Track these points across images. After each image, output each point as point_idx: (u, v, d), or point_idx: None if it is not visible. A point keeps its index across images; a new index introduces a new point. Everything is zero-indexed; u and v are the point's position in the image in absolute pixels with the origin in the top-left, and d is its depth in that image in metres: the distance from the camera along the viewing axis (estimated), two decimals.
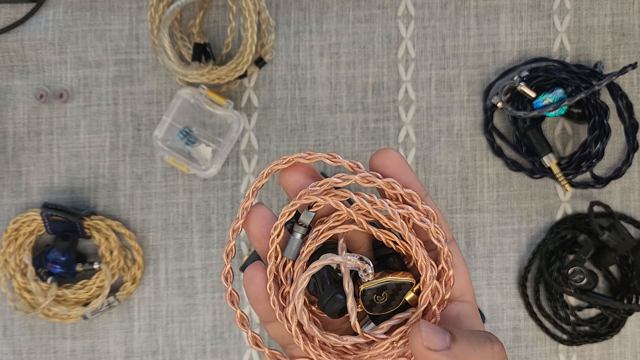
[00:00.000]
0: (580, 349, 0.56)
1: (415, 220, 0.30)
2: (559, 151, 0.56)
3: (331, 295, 0.30)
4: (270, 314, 0.31)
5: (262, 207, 0.31)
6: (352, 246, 0.32)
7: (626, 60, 0.56)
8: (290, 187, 0.31)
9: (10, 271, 0.54)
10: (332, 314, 0.30)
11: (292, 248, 0.30)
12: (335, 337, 0.30)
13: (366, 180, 0.30)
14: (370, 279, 0.30)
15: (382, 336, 0.30)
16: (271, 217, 0.31)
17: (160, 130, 0.54)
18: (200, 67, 0.53)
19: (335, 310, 0.30)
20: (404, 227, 0.30)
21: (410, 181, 0.31)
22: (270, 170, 0.30)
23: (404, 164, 0.31)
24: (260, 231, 0.31)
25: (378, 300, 0.30)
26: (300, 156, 0.30)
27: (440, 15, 0.56)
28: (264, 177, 0.30)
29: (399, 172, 0.30)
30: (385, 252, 0.32)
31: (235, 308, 0.30)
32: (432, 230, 0.30)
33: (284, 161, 0.30)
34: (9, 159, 0.57)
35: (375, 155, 0.31)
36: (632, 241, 0.52)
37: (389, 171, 0.30)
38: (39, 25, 0.56)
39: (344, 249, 0.31)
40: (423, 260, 0.30)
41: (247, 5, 0.51)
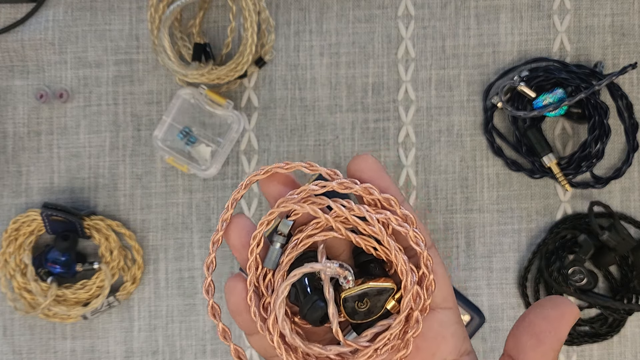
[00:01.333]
0: (580, 348, 0.56)
1: (393, 225, 0.29)
2: (559, 151, 0.56)
3: (311, 302, 0.30)
4: (252, 325, 0.30)
5: (242, 217, 0.31)
6: (333, 253, 0.32)
7: (626, 60, 0.57)
8: (270, 196, 0.31)
9: (10, 271, 0.54)
10: (313, 321, 0.30)
11: (272, 258, 0.30)
12: (318, 348, 0.29)
13: (343, 186, 0.30)
14: (350, 286, 0.30)
15: (365, 344, 0.30)
16: (251, 227, 0.31)
17: (160, 130, 0.54)
18: (200, 67, 0.53)
19: (316, 317, 0.30)
20: (382, 232, 0.29)
21: (388, 186, 0.30)
22: (249, 182, 0.31)
23: (381, 170, 0.31)
24: (240, 241, 0.31)
25: (360, 307, 0.30)
26: (278, 166, 0.30)
27: (440, 15, 0.56)
28: (243, 188, 0.31)
29: (375, 177, 0.30)
30: (365, 259, 0.31)
31: (217, 321, 0.30)
32: (411, 235, 0.29)
33: (262, 171, 0.30)
34: (9, 159, 0.57)
35: (352, 161, 0.31)
36: (632, 241, 0.53)
37: (365, 176, 0.30)
38: (39, 25, 0.56)
39: (323, 255, 0.30)
40: (403, 265, 0.29)
41: (247, 5, 0.51)
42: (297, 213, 0.30)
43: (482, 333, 0.56)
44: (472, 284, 0.56)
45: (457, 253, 0.56)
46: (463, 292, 0.55)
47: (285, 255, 0.30)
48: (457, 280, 0.56)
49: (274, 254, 0.30)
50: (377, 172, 0.30)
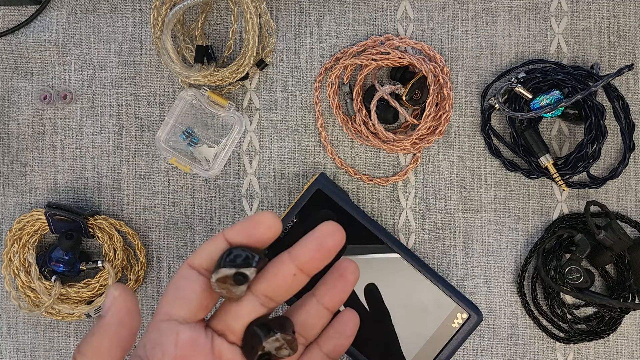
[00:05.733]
0: (577, 347, 0.56)
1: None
2: (556, 152, 0.57)
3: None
4: None
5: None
6: (305, 331, 0.32)
7: (623, 62, 0.57)
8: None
9: (15, 270, 0.54)
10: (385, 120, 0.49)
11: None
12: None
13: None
14: (403, 91, 0.53)
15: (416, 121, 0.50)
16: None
17: (163, 131, 0.54)
18: (202, 69, 0.53)
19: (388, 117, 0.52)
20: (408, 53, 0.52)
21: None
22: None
23: None
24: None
25: (415, 97, 0.53)
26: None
27: (438, 17, 0.57)
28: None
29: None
30: (401, 73, 0.54)
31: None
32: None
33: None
34: (13, 160, 0.57)
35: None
36: (628, 240, 0.53)
37: None
38: (43, 27, 0.57)
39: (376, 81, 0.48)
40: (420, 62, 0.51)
41: (249, 8, 0.51)
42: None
43: (480, 331, 0.56)
44: (469, 282, 0.56)
45: (455, 252, 0.57)
46: (461, 290, 0.56)
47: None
48: (455, 278, 0.56)
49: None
50: None
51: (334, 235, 0.29)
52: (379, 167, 0.57)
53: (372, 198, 0.57)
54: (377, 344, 0.52)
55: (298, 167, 0.57)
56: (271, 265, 0.30)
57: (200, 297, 0.30)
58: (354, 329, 0.32)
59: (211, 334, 0.30)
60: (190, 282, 0.30)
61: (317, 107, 0.56)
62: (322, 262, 0.29)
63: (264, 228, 0.29)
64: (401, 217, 0.57)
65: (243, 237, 0.29)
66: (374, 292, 0.52)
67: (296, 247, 0.29)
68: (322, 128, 0.56)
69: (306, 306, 0.31)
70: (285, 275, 0.29)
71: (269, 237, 0.29)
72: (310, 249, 0.29)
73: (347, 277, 0.31)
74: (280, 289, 0.29)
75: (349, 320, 0.32)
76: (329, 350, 0.32)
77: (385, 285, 0.53)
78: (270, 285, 0.29)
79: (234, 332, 0.30)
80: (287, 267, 0.29)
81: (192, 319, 0.30)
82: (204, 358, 0.29)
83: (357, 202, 0.56)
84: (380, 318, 0.52)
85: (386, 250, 0.53)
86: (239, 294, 0.29)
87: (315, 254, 0.29)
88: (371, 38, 0.56)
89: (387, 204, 0.57)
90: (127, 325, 0.28)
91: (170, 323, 0.30)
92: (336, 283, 0.31)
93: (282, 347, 0.29)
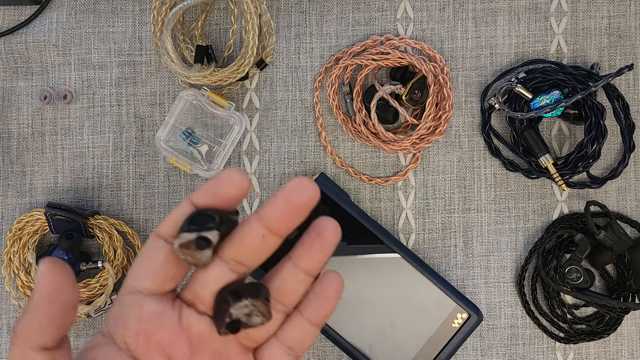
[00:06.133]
0: (577, 347, 0.56)
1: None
2: (556, 152, 0.57)
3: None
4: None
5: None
6: (281, 296, 0.30)
7: (622, 62, 0.57)
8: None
9: (15, 270, 0.54)
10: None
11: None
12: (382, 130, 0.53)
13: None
14: (402, 91, 0.54)
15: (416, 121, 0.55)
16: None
17: (163, 131, 0.54)
18: (202, 69, 0.53)
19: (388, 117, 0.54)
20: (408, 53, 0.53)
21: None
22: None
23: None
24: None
25: (416, 97, 0.55)
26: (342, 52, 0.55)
27: (438, 17, 0.57)
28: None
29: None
30: (400, 73, 0.55)
31: None
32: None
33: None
34: (14, 160, 0.57)
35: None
36: (628, 240, 0.53)
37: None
38: (43, 27, 0.57)
39: (377, 81, 0.49)
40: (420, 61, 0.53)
41: (249, 8, 0.52)
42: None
43: (480, 331, 0.56)
44: (469, 282, 0.56)
45: (455, 252, 0.57)
46: (461, 290, 0.56)
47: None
48: (455, 278, 0.56)
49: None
50: None
51: (303, 190, 0.27)
52: (379, 167, 0.57)
53: (372, 198, 0.57)
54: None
55: (298, 167, 0.57)
56: (239, 229, 0.28)
57: (166, 266, 0.28)
58: (337, 290, 0.29)
59: (179, 306, 0.28)
60: (156, 252, 0.28)
61: (317, 107, 0.56)
62: (292, 220, 0.27)
63: (228, 184, 0.27)
64: (401, 217, 0.57)
65: (208, 198, 0.27)
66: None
67: (264, 206, 0.27)
68: (322, 128, 0.56)
69: (282, 271, 0.29)
70: (253, 236, 0.27)
71: (235, 194, 0.27)
72: (277, 207, 0.27)
73: (325, 236, 0.28)
74: (249, 252, 0.27)
75: (331, 281, 0.29)
76: (310, 316, 0.29)
77: (385, 285, 0.53)
78: (238, 249, 0.27)
79: (203, 301, 0.28)
80: (254, 228, 0.27)
81: (158, 291, 0.28)
82: (171, 331, 0.28)
83: (357, 202, 0.56)
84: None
85: (386, 250, 0.53)
86: (205, 259, 0.27)
87: (283, 212, 0.26)
88: (371, 38, 0.56)
89: (387, 204, 0.57)
90: (57, 302, 0.25)
91: (134, 295, 0.28)
92: (313, 243, 0.28)
93: (252, 314, 0.27)
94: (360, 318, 0.53)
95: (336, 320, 0.53)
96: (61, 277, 0.25)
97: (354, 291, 0.53)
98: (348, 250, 0.53)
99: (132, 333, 0.27)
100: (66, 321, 0.26)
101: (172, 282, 0.28)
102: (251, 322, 0.27)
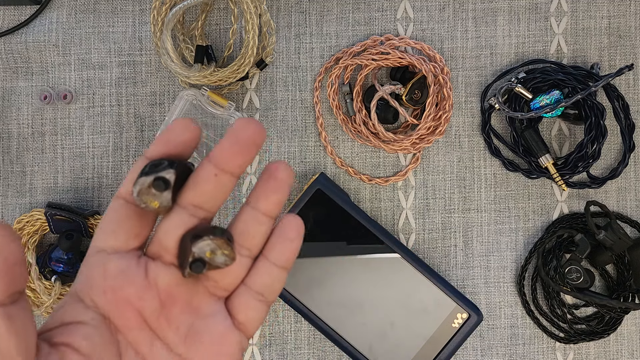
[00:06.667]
0: (577, 347, 0.56)
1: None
2: (556, 152, 0.57)
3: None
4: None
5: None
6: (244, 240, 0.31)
7: (622, 62, 0.57)
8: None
9: None
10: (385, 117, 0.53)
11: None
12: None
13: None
14: (403, 91, 0.55)
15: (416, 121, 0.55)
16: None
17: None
18: (202, 69, 0.53)
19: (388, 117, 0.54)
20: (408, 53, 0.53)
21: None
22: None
23: None
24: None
25: (415, 97, 0.55)
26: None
27: (438, 17, 0.57)
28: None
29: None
30: (401, 73, 0.55)
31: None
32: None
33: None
34: (14, 160, 0.57)
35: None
36: (628, 240, 0.53)
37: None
38: (43, 27, 0.57)
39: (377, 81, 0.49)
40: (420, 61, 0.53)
41: (249, 8, 0.52)
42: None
43: (480, 331, 0.56)
44: (469, 282, 0.56)
45: (455, 252, 0.57)
46: (461, 290, 0.56)
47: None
48: (455, 278, 0.56)
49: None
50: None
51: (248, 127, 0.28)
52: (379, 167, 0.57)
53: (372, 198, 0.57)
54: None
55: (298, 167, 0.57)
56: (193, 174, 0.29)
57: (127, 223, 0.29)
58: (297, 231, 0.30)
59: (145, 261, 0.29)
60: (116, 211, 0.29)
61: (317, 107, 0.56)
62: (242, 156, 0.28)
63: (178, 130, 0.28)
64: (401, 217, 0.57)
65: (161, 147, 0.28)
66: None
67: (214, 148, 0.28)
68: (322, 128, 0.56)
69: (242, 215, 0.30)
70: (206, 177, 0.28)
71: (187, 139, 0.28)
72: (225, 145, 0.28)
73: (277, 175, 0.29)
74: (205, 193, 0.28)
75: (290, 222, 0.30)
76: (276, 259, 0.30)
77: (385, 285, 0.53)
78: (194, 192, 0.28)
79: (167, 249, 0.29)
80: (206, 169, 0.28)
81: (122, 249, 0.29)
82: (137, 286, 0.28)
83: (357, 202, 0.56)
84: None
85: (386, 250, 0.53)
86: (165, 203, 0.27)
87: (231, 149, 0.28)
88: (371, 38, 0.56)
89: (387, 204, 0.57)
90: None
91: (99, 255, 0.28)
92: (268, 184, 0.29)
93: (215, 252, 0.27)
94: (360, 318, 0.53)
95: (336, 320, 0.53)
96: (1, 236, 0.25)
97: (354, 291, 0.53)
98: (348, 250, 0.53)
99: (99, 291, 0.28)
100: (14, 277, 0.26)
101: (135, 240, 0.29)
102: (215, 262, 0.28)
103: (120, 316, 0.28)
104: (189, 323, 0.29)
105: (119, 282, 0.28)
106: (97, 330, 0.28)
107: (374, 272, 0.53)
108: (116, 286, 0.28)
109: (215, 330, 0.29)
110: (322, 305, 0.53)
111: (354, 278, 0.53)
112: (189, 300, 0.29)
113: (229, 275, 0.29)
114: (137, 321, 0.28)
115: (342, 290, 0.53)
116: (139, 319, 0.28)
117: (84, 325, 0.28)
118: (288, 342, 0.56)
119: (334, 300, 0.53)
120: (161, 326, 0.29)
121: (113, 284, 0.28)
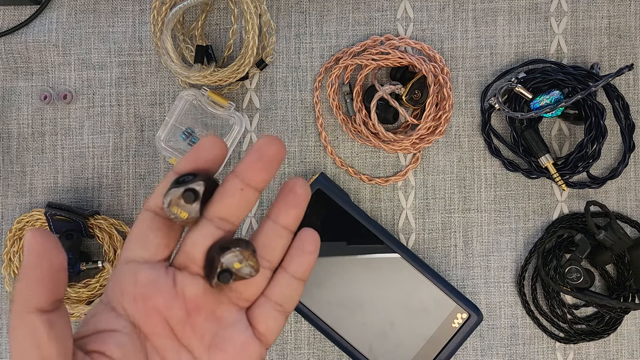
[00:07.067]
0: (577, 347, 0.56)
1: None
2: (556, 152, 0.57)
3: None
4: None
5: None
6: (265, 251, 0.32)
7: (622, 62, 0.57)
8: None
9: (15, 270, 0.54)
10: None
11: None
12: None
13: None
14: (403, 91, 0.55)
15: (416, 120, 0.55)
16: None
17: (163, 131, 0.55)
18: (202, 69, 0.53)
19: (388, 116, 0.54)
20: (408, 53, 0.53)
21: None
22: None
23: None
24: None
25: (415, 97, 0.54)
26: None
27: (438, 17, 0.57)
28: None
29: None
30: (401, 72, 0.55)
31: None
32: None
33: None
34: (13, 160, 0.57)
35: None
36: (628, 240, 0.53)
37: None
38: (43, 27, 0.57)
39: (377, 81, 0.50)
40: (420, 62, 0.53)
41: (249, 8, 0.52)
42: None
43: (480, 331, 0.56)
44: (469, 282, 0.56)
45: (455, 252, 0.57)
46: (461, 290, 0.56)
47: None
48: (455, 278, 0.56)
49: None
50: None
51: (272, 144, 0.29)
52: (379, 167, 0.57)
53: (372, 198, 0.57)
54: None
55: (298, 167, 0.57)
56: (219, 188, 0.30)
57: (157, 235, 0.30)
58: (314, 244, 0.32)
59: (173, 272, 0.30)
60: (147, 223, 0.30)
61: (317, 107, 0.56)
62: (266, 172, 0.29)
63: (206, 149, 0.29)
64: (401, 217, 0.57)
65: (189, 164, 0.30)
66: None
67: (239, 164, 0.30)
68: (322, 128, 0.56)
69: (263, 228, 0.31)
70: (232, 191, 0.29)
71: (215, 156, 0.29)
72: (250, 161, 0.29)
73: (296, 191, 0.31)
74: (230, 206, 0.29)
75: (308, 236, 0.32)
76: (294, 271, 0.31)
77: (385, 285, 0.53)
78: (220, 206, 0.29)
79: (195, 260, 0.30)
80: (232, 183, 0.29)
81: (151, 259, 0.30)
82: (166, 296, 0.29)
83: (357, 202, 0.56)
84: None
85: (386, 250, 0.53)
86: (194, 214, 0.29)
87: (256, 165, 0.29)
88: (371, 38, 0.56)
89: (387, 204, 0.57)
90: (44, 266, 0.26)
91: (129, 265, 0.30)
92: (287, 199, 0.31)
93: (242, 264, 0.29)
94: (360, 318, 0.53)
95: (336, 320, 0.53)
96: (44, 244, 0.27)
97: (354, 291, 0.53)
98: (348, 250, 0.53)
99: (129, 298, 0.29)
100: (57, 284, 0.27)
101: (164, 251, 0.30)
102: (241, 273, 0.29)
103: (149, 324, 0.29)
104: (213, 332, 0.30)
105: (149, 291, 0.29)
106: (129, 338, 0.29)
107: (374, 272, 0.53)
108: (146, 295, 0.29)
109: (238, 339, 0.30)
110: (322, 305, 0.53)
111: (354, 278, 0.53)
112: (213, 310, 0.30)
113: (252, 286, 0.31)
114: (165, 330, 0.30)
115: (342, 290, 0.53)
116: (167, 328, 0.30)
117: (116, 333, 0.29)
118: (288, 342, 0.56)
119: (334, 300, 0.53)
120: (187, 335, 0.30)
121: (144, 292, 0.29)
